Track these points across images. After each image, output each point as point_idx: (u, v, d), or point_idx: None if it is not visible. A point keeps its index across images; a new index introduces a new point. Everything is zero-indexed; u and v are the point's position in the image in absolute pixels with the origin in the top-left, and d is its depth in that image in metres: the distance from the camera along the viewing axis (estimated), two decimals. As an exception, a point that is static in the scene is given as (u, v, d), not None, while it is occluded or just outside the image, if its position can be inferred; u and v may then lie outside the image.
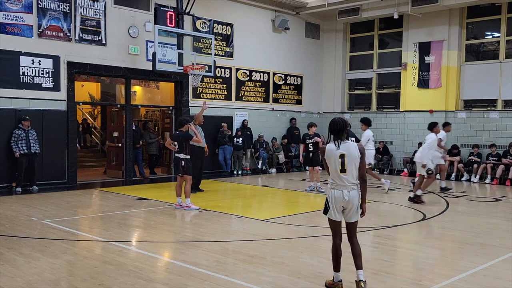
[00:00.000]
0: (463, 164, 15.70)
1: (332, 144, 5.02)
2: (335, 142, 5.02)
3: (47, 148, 12.52)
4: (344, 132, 5.02)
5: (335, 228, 5.10)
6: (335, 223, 5.08)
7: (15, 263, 5.92)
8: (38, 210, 9.49)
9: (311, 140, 12.30)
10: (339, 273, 5.14)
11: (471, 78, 16.54)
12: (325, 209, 5.10)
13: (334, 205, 5.00)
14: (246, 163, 17.04)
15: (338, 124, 5.02)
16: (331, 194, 5.02)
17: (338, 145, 4.98)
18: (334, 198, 4.99)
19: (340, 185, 4.97)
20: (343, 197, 4.95)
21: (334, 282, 5.14)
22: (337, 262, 5.12)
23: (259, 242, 7.19)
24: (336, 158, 4.95)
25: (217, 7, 16.35)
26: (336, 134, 5.03)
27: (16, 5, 12.02)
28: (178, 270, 5.77)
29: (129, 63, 14.16)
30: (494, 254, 6.63)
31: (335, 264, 5.13)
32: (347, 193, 4.96)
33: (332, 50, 19.83)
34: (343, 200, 4.96)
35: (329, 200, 5.04)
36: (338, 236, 5.12)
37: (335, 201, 4.99)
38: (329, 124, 5.14)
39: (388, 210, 10.08)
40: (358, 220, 5.11)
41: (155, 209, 9.77)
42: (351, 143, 5.10)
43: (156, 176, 15.68)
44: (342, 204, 4.99)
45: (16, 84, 12.10)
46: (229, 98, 16.90)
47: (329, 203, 5.03)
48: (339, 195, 4.97)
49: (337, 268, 5.13)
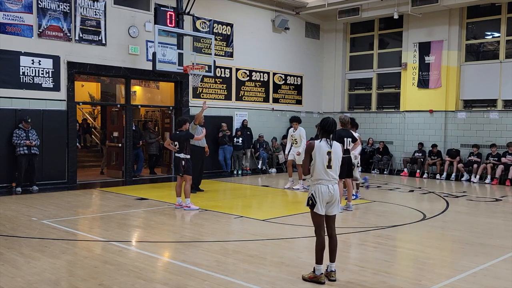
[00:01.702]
0: (463, 164, 15.71)
1: (323, 141, 5.31)
2: (327, 140, 5.33)
3: (47, 148, 12.52)
4: (332, 133, 5.37)
5: (320, 222, 5.34)
6: (320, 217, 5.32)
7: (15, 263, 5.92)
8: (38, 210, 9.49)
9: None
10: (322, 266, 5.29)
11: (471, 78, 16.54)
12: (311, 204, 5.29)
13: (320, 200, 5.24)
14: (246, 163, 17.05)
15: (332, 126, 5.35)
16: (318, 189, 5.26)
17: (330, 144, 5.31)
18: (321, 193, 5.24)
19: (326, 180, 5.25)
20: (329, 191, 5.25)
21: (317, 274, 5.25)
22: (322, 255, 5.30)
23: (259, 242, 7.19)
24: (324, 154, 5.25)
25: (217, 7, 16.35)
26: (327, 133, 5.35)
27: (16, 5, 12.02)
28: (178, 270, 5.77)
29: (129, 63, 14.16)
30: (494, 254, 6.63)
31: (320, 257, 5.29)
32: (332, 187, 5.28)
33: (332, 50, 19.83)
34: (329, 194, 5.26)
35: (315, 195, 5.26)
36: (323, 229, 5.35)
37: (322, 196, 5.24)
38: (322, 123, 5.42)
39: (388, 210, 10.08)
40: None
41: (155, 209, 9.77)
42: (336, 142, 5.44)
43: (156, 176, 15.68)
44: (327, 198, 5.26)
45: (16, 84, 12.10)
46: (229, 98, 16.90)
47: (316, 198, 5.25)
48: (325, 189, 5.25)
49: (321, 261, 5.29)
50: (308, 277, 5.31)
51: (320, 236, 5.32)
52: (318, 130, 5.58)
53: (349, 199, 9.86)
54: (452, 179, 15.60)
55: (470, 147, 16.03)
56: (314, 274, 5.28)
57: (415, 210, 9.97)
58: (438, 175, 16.00)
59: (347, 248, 7.19)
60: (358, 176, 11.65)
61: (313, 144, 5.32)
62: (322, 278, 5.23)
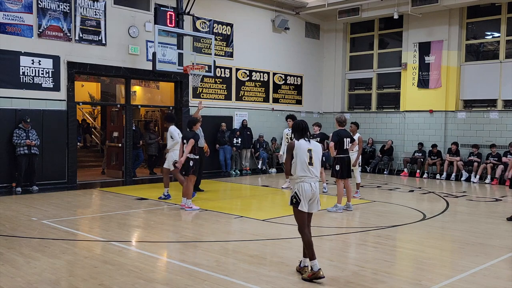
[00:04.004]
0: (463, 163, 15.70)
1: (302, 140, 5.50)
2: (304, 138, 5.52)
3: (47, 148, 12.52)
4: (308, 131, 5.59)
5: (303, 219, 5.44)
6: (304, 215, 5.42)
7: (15, 263, 5.92)
8: (38, 210, 9.49)
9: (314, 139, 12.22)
10: (316, 260, 5.31)
11: (471, 78, 16.54)
12: (295, 202, 5.38)
13: (304, 197, 5.36)
14: (246, 163, 17.04)
15: (302, 124, 5.59)
16: (301, 187, 5.37)
17: (308, 140, 5.52)
18: (304, 190, 5.36)
19: (309, 177, 5.39)
20: (312, 189, 5.39)
21: (315, 271, 5.26)
22: (313, 250, 5.35)
23: (259, 242, 7.19)
24: (305, 152, 5.41)
25: (217, 7, 16.35)
26: (301, 132, 5.55)
27: (16, 5, 12.02)
28: (178, 270, 5.77)
29: (129, 63, 14.16)
30: (494, 254, 6.63)
31: (311, 253, 5.33)
32: (314, 185, 5.42)
33: (332, 50, 19.83)
34: (312, 192, 5.39)
35: (299, 193, 5.36)
36: (306, 226, 5.44)
37: (305, 194, 5.36)
38: (293, 126, 5.72)
39: (388, 210, 10.08)
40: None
41: (155, 209, 9.77)
42: (315, 141, 5.69)
43: (156, 176, 15.68)
44: (310, 196, 5.38)
45: (16, 84, 12.10)
46: (229, 98, 16.90)
47: (300, 196, 5.36)
48: (308, 187, 5.37)
49: (314, 256, 5.32)
50: (308, 276, 5.33)
51: (305, 233, 5.42)
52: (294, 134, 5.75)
53: (349, 199, 9.86)
54: (452, 179, 15.60)
55: (470, 147, 16.03)
56: (313, 271, 5.30)
57: (415, 210, 9.97)
58: (438, 175, 16.00)
59: (347, 248, 7.20)
60: (358, 176, 11.66)
61: (293, 144, 5.46)
62: (320, 273, 5.23)
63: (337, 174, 9.68)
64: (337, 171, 9.66)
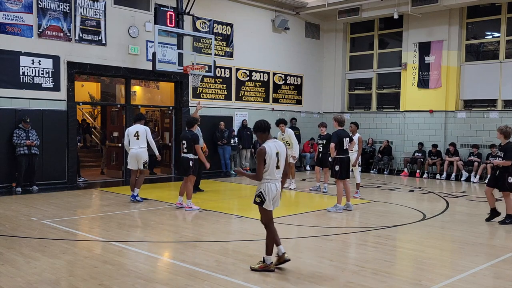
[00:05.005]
0: (463, 163, 15.69)
1: (269, 143, 5.67)
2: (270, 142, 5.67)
3: (47, 148, 12.52)
4: (269, 131, 5.77)
5: (270, 216, 5.78)
6: (270, 213, 5.76)
7: (15, 263, 5.92)
8: (38, 210, 9.49)
9: (321, 140, 12.17)
10: (271, 256, 5.70)
11: (471, 78, 16.54)
12: (260, 202, 5.69)
13: (270, 197, 5.67)
14: (246, 163, 17.04)
15: (264, 123, 5.76)
16: (267, 188, 5.66)
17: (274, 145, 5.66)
18: (270, 190, 5.67)
19: (274, 178, 5.70)
20: (276, 189, 5.71)
21: (267, 264, 5.65)
22: (272, 247, 5.71)
23: (259, 242, 7.17)
24: (274, 156, 5.64)
25: (217, 7, 16.34)
26: (263, 132, 5.75)
27: (16, 5, 12.02)
28: (178, 270, 5.77)
29: (129, 63, 14.16)
30: (494, 254, 6.63)
31: (271, 249, 5.69)
32: (278, 184, 5.75)
33: (332, 50, 19.82)
34: (276, 191, 5.71)
35: (265, 193, 5.66)
36: (272, 223, 5.78)
37: (271, 193, 5.67)
38: (255, 126, 5.85)
39: (388, 210, 10.07)
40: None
41: (155, 209, 9.77)
42: (280, 141, 5.90)
43: (156, 176, 15.68)
44: (274, 195, 5.70)
45: (16, 84, 12.10)
46: (229, 98, 16.90)
47: (265, 195, 5.66)
48: (273, 187, 5.69)
49: (272, 253, 5.70)
50: (259, 267, 5.64)
51: (271, 230, 5.73)
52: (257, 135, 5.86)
53: (348, 198, 9.86)
54: (452, 179, 15.60)
55: (470, 147, 16.03)
56: (265, 264, 5.66)
57: (415, 210, 9.97)
58: (438, 175, 16.00)
59: (347, 248, 7.20)
60: (358, 176, 11.66)
61: (265, 150, 5.60)
62: (272, 266, 5.65)
63: (337, 174, 9.69)
64: (337, 172, 9.66)
